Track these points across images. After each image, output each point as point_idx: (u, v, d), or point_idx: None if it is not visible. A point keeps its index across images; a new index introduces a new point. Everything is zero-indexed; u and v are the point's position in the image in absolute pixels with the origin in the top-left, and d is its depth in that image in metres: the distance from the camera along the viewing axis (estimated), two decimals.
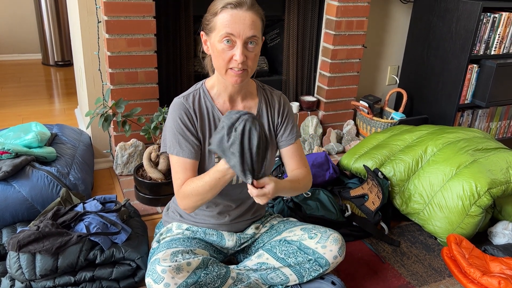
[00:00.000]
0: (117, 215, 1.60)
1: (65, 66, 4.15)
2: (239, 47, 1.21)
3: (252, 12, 1.21)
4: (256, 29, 1.22)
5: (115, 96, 2.11)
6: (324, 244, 1.41)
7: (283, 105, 1.45)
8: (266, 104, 1.42)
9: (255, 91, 1.42)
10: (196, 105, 1.34)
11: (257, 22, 1.22)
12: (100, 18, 2.06)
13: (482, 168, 1.84)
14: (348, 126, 2.80)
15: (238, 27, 1.19)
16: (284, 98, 1.46)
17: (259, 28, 1.24)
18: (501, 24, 2.59)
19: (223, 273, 1.34)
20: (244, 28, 1.20)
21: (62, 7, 3.94)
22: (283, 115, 1.44)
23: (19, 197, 1.68)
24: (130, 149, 2.18)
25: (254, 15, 1.21)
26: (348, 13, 2.52)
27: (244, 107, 1.39)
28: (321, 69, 2.72)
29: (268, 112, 1.42)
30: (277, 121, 1.43)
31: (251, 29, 1.20)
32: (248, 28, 1.20)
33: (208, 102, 1.36)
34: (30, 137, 1.89)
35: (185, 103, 1.33)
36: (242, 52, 1.21)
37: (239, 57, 1.21)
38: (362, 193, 1.98)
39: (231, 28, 1.19)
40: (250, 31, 1.20)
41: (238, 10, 1.20)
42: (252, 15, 1.21)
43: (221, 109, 1.37)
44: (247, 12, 1.20)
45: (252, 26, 1.20)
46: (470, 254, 1.69)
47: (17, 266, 1.37)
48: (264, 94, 1.44)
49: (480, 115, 2.87)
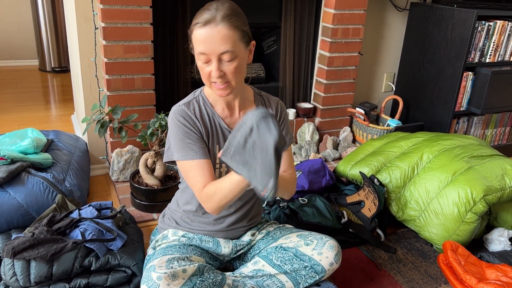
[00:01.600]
0: (113, 222, 1.60)
1: (62, 72, 4.15)
2: (214, 64, 1.21)
3: (223, 26, 1.18)
4: (230, 43, 1.19)
5: (111, 102, 2.11)
6: (320, 251, 1.41)
7: (280, 111, 1.46)
8: None
9: (252, 97, 1.43)
10: (197, 112, 1.34)
11: (230, 35, 1.19)
12: (97, 25, 2.07)
13: (478, 175, 1.85)
14: (344, 133, 2.81)
15: (208, 45, 1.19)
16: (281, 105, 1.47)
17: (234, 41, 1.20)
18: (496, 32, 2.61)
19: (219, 280, 1.34)
20: (214, 45, 1.19)
21: (59, 14, 3.94)
22: (281, 121, 1.46)
23: (14, 203, 1.67)
24: (127, 156, 2.18)
25: (226, 29, 1.18)
26: (344, 21, 2.53)
27: (242, 114, 1.39)
28: (317, 76, 2.73)
29: None
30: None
31: (222, 44, 1.18)
32: (218, 44, 1.18)
33: (208, 109, 1.37)
34: (26, 143, 1.88)
35: (187, 110, 1.33)
36: (217, 68, 1.21)
37: (214, 73, 1.22)
38: (358, 199, 1.99)
39: (202, 47, 1.20)
40: (221, 47, 1.19)
41: (207, 28, 1.18)
42: (223, 30, 1.18)
43: (221, 115, 1.37)
44: (216, 28, 1.18)
45: (223, 41, 1.18)
46: (466, 261, 1.69)
47: (12, 273, 1.36)
48: (262, 100, 1.45)
49: (475, 122, 2.88)
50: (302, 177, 2.06)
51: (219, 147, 1.37)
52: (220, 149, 1.36)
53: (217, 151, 1.36)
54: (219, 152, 1.34)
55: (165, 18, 2.27)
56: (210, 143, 1.36)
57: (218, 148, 1.37)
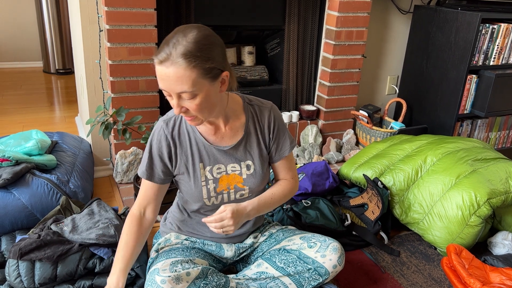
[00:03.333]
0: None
1: (66, 74, 4.17)
2: (174, 100, 1.17)
3: (179, 66, 1.10)
4: (187, 83, 1.11)
5: (116, 104, 2.11)
6: (323, 253, 1.41)
7: (273, 120, 1.39)
8: (254, 121, 1.38)
9: (241, 108, 1.37)
10: (176, 131, 1.32)
11: (187, 75, 1.11)
12: (102, 27, 2.08)
13: (482, 178, 1.84)
14: (347, 136, 2.81)
15: (164, 83, 1.14)
16: (274, 112, 1.40)
17: (192, 80, 1.11)
18: (500, 35, 2.61)
19: (222, 283, 1.34)
20: (169, 84, 1.13)
21: (64, 16, 3.96)
22: (274, 132, 1.40)
23: (19, 204, 1.68)
24: (130, 157, 2.19)
25: (182, 69, 1.10)
26: (348, 23, 2.54)
27: (229, 128, 1.35)
28: (321, 79, 2.73)
29: (257, 130, 1.39)
30: (268, 137, 1.40)
31: (177, 85, 1.12)
32: (173, 84, 1.12)
33: (189, 127, 1.34)
34: (30, 145, 1.89)
35: (165, 129, 1.32)
36: (177, 105, 1.17)
37: (175, 110, 1.19)
38: (361, 202, 1.98)
39: (161, 83, 1.15)
40: (177, 87, 1.12)
41: (162, 66, 1.12)
42: (177, 70, 1.10)
43: (204, 133, 1.34)
44: (170, 68, 1.10)
45: (178, 82, 1.11)
46: (470, 264, 1.68)
47: (16, 274, 1.37)
48: (252, 110, 1.38)
49: (479, 125, 2.88)
50: (305, 180, 2.06)
51: (204, 164, 1.34)
52: (205, 166, 1.34)
53: (201, 168, 1.34)
54: (203, 169, 1.34)
55: (169, 20, 2.28)
56: (190, 161, 1.33)
57: (202, 166, 1.34)
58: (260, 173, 1.39)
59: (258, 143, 1.39)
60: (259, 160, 1.39)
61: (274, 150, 1.42)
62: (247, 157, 1.38)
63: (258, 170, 1.39)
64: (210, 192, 1.36)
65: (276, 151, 1.43)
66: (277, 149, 1.42)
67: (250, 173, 1.38)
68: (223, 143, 1.35)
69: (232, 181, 1.37)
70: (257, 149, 1.39)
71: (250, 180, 1.39)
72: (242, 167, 1.38)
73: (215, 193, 1.36)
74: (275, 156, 1.43)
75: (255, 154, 1.39)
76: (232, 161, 1.36)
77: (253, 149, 1.38)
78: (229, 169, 1.36)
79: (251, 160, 1.38)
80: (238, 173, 1.37)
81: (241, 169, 1.38)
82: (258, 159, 1.39)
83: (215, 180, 1.35)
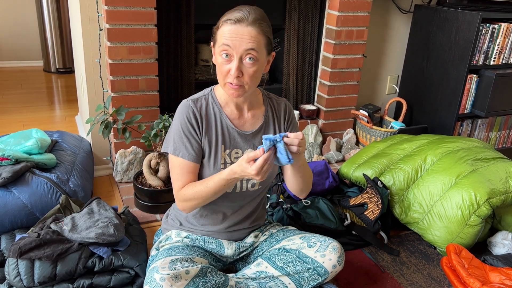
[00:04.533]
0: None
1: (66, 73, 4.17)
2: (235, 61, 1.22)
3: (253, 28, 1.21)
4: (256, 44, 1.21)
5: (115, 103, 2.11)
6: (323, 253, 1.41)
7: (288, 112, 1.48)
8: (272, 112, 1.45)
9: (261, 100, 1.45)
10: (203, 110, 1.35)
11: (258, 38, 1.22)
12: (102, 26, 2.08)
13: (482, 178, 1.84)
14: (347, 135, 2.81)
15: (235, 40, 1.20)
16: (289, 106, 1.49)
17: (260, 45, 1.23)
18: (500, 35, 2.61)
19: (222, 282, 1.34)
20: (241, 42, 1.20)
21: (64, 15, 3.96)
22: (289, 122, 1.48)
23: (19, 203, 1.68)
24: (130, 156, 2.19)
25: (255, 31, 1.21)
26: (348, 23, 2.53)
27: (251, 115, 1.41)
28: (321, 78, 2.73)
29: (274, 120, 1.45)
30: (284, 127, 1.46)
31: (248, 43, 1.20)
32: (245, 42, 1.20)
33: (216, 108, 1.37)
34: (30, 144, 1.89)
35: (193, 106, 1.34)
36: (237, 67, 1.22)
37: (234, 71, 1.22)
38: (361, 202, 1.98)
39: (229, 41, 1.21)
40: (248, 44, 1.20)
41: (238, 25, 1.20)
42: (252, 31, 1.21)
43: (229, 116, 1.38)
44: (247, 28, 1.20)
45: (250, 40, 1.20)
46: (469, 264, 1.68)
47: (16, 273, 1.37)
48: (270, 103, 1.46)
49: (479, 125, 2.88)
50: None
51: (225, 146, 1.37)
52: (225, 148, 1.37)
53: (222, 150, 1.37)
54: (223, 152, 1.35)
55: (169, 19, 2.28)
56: (214, 142, 1.36)
57: (223, 148, 1.37)
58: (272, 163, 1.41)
59: (274, 133, 1.44)
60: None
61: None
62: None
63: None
64: None
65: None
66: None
67: None
68: (244, 128, 1.40)
69: None
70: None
71: None
72: None
73: None
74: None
75: None
76: (250, 147, 1.40)
77: None
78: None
79: None
80: None
81: None
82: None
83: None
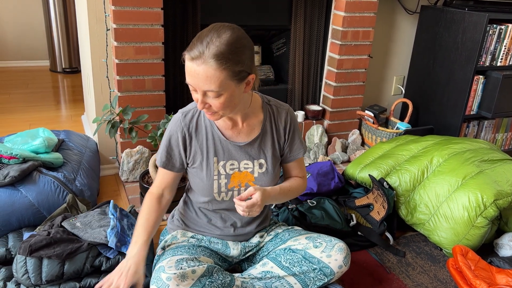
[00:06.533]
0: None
1: (72, 73, 4.18)
2: (199, 96, 1.20)
3: (209, 66, 1.12)
4: (214, 83, 1.14)
5: (122, 103, 2.12)
6: (329, 253, 1.41)
7: (289, 122, 1.43)
8: (271, 121, 1.41)
9: (260, 107, 1.40)
10: (193, 123, 1.35)
11: (216, 77, 1.13)
12: (109, 26, 2.09)
13: (488, 179, 1.84)
14: (353, 136, 2.80)
15: (193, 80, 1.17)
16: (290, 114, 1.43)
17: (219, 82, 1.14)
18: (507, 36, 2.59)
19: (227, 282, 1.34)
20: (197, 82, 1.16)
21: (71, 15, 3.98)
22: (289, 133, 1.43)
23: (26, 202, 1.69)
24: (136, 156, 2.19)
25: (212, 69, 1.12)
26: (354, 23, 2.53)
27: (246, 125, 1.38)
28: (326, 79, 2.73)
29: (273, 129, 1.41)
30: (283, 138, 1.43)
31: (205, 83, 1.15)
32: (201, 82, 1.15)
33: (207, 120, 1.36)
34: (37, 143, 1.90)
35: (182, 121, 1.35)
36: (201, 100, 1.20)
37: (199, 106, 1.21)
38: (367, 202, 1.98)
39: (189, 79, 1.18)
40: (204, 85, 1.15)
41: (194, 63, 1.14)
42: (209, 70, 1.13)
43: (221, 127, 1.37)
44: (201, 67, 1.13)
45: (207, 81, 1.14)
46: (476, 265, 1.68)
47: (24, 271, 1.38)
48: (270, 110, 1.41)
49: (486, 126, 2.86)
50: (311, 180, 2.06)
51: (218, 158, 1.36)
52: (219, 160, 1.37)
53: (215, 162, 1.36)
54: (216, 163, 1.36)
55: (175, 20, 2.29)
56: (205, 153, 1.36)
57: (216, 160, 1.36)
58: (271, 172, 1.41)
59: (273, 143, 1.41)
60: (272, 159, 1.41)
61: (288, 151, 1.45)
62: (260, 155, 1.40)
63: (270, 170, 1.41)
64: (221, 187, 1.37)
65: (290, 153, 1.46)
66: (291, 151, 1.45)
67: (262, 172, 1.40)
68: (239, 139, 1.38)
69: (243, 179, 1.39)
70: (271, 149, 1.41)
71: (262, 178, 1.40)
72: (255, 165, 1.39)
73: (226, 188, 1.38)
74: (289, 157, 1.46)
75: (269, 153, 1.40)
76: (246, 158, 1.38)
77: (267, 148, 1.40)
78: (241, 166, 1.38)
79: (264, 158, 1.40)
80: (250, 170, 1.39)
81: (253, 166, 1.39)
82: (271, 158, 1.41)
83: (227, 176, 1.37)
